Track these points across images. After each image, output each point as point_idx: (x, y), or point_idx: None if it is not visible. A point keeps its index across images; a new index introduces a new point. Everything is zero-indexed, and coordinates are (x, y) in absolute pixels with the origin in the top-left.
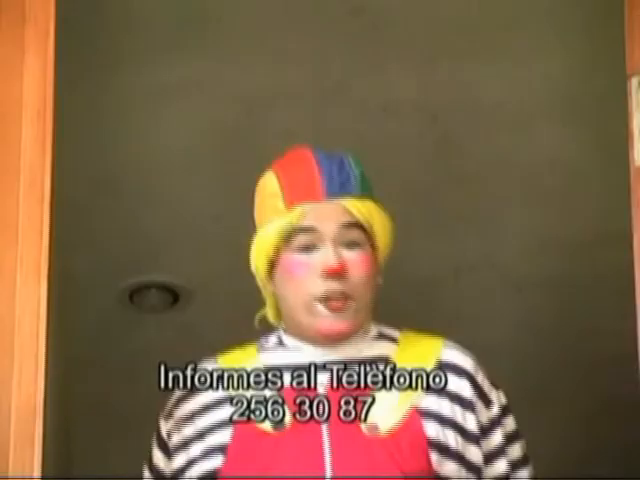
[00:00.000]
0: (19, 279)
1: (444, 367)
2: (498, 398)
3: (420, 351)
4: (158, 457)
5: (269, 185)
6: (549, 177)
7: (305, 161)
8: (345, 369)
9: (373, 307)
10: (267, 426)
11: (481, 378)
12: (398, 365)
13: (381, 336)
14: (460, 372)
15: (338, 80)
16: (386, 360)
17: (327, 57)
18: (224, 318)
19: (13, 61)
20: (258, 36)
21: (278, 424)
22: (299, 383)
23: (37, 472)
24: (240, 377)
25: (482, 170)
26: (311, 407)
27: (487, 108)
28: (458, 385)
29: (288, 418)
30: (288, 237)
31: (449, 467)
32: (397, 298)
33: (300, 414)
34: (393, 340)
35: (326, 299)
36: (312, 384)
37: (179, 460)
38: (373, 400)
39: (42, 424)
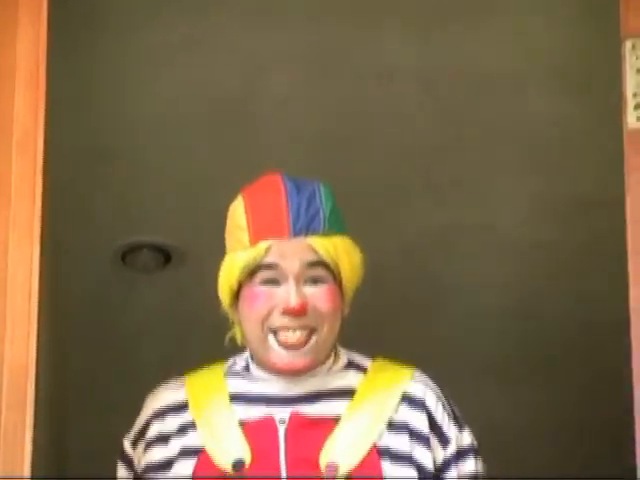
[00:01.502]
0: (11, 241)
1: (407, 401)
2: (458, 438)
3: (386, 383)
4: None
5: (237, 216)
6: (544, 143)
7: (274, 194)
8: (308, 402)
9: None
10: (228, 467)
11: (441, 415)
12: (361, 398)
13: (350, 365)
14: (421, 406)
15: (334, 47)
16: (352, 392)
17: (324, 23)
18: (214, 277)
19: (6, 27)
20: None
21: (237, 465)
22: (260, 417)
23: (29, 435)
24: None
25: (478, 136)
26: (271, 444)
27: (483, 75)
28: (418, 419)
29: (248, 457)
30: (251, 272)
31: None
32: (394, 262)
33: (259, 452)
34: (362, 369)
35: (279, 334)
36: (274, 419)
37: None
38: (334, 437)
39: (34, 383)
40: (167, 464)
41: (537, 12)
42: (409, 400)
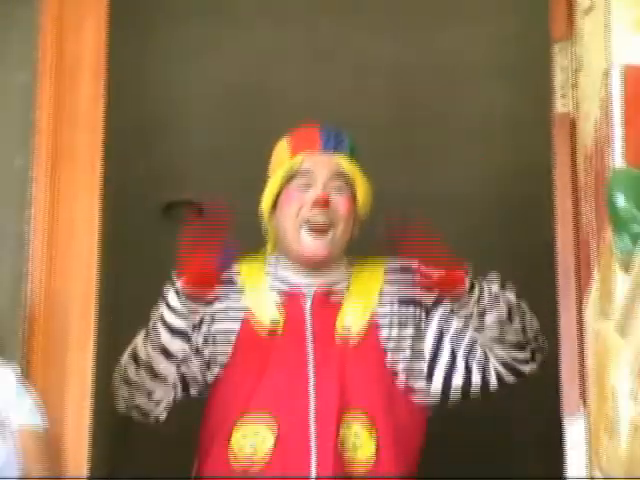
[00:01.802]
0: (79, 196)
1: (390, 272)
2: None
3: (372, 268)
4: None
5: (280, 145)
6: (493, 121)
7: (310, 125)
8: (326, 286)
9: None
10: (266, 324)
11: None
12: (356, 281)
13: (349, 264)
14: (403, 269)
15: (325, 45)
16: (349, 282)
17: (317, 26)
18: (247, 231)
19: (74, 22)
20: (265, 7)
21: (273, 323)
22: (292, 292)
23: (92, 341)
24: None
25: (439, 116)
26: (300, 312)
27: (444, 67)
28: (399, 283)
29: (282, 320)
30: (290, 178)
31: (401, 359)
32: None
33: (290, 317)
34: (354, 264)
35: (310, 224)
36: (303, 293)
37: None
38: (344, 310)
39: (96, 305)
40: (218, 318)
41: (489, 22)
42: (390, 271)
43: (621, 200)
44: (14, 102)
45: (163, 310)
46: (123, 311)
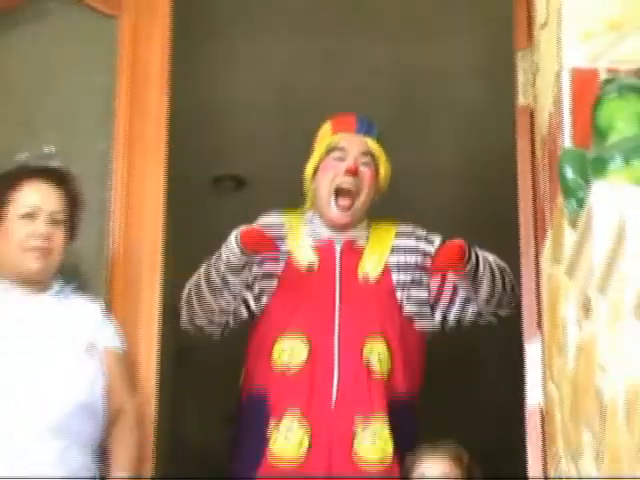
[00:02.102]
0: (148, 170)
1: (399, 235)
2: (435, 239)
3: (387, 228)
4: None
5: (324, 126)
6: (467, 114)
7: (348, 113)
8: (351, 241)
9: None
10: (305, 265)
11: (421, 231)
12: (374, 237)
13: (368, 225)
14: (409, 234)
15: (331, 52)
16: (368, 237)
17: (324, 38)
18: (280, 200)
19: (147, 34)
20: (295, 23)
21: (310, 265)
22: (324, 247)
23: (158, 287)
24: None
25: (425, 110)
26: (331, 257)
27: (429, 70)
28: (407, 243)
29: (317, 262)
30: (329, 151)
31: (410, 297)
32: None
33: (324, 261)
34: (372, 225)
35: (341, 188)
36: (334, 242)
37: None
38: (364, 259)
39: (161, 256)
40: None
41: (463, 30)
42: (401, 233)
43: (570, 173)
44: (97, 99)
45: (223, 250)
46: (179, 265)
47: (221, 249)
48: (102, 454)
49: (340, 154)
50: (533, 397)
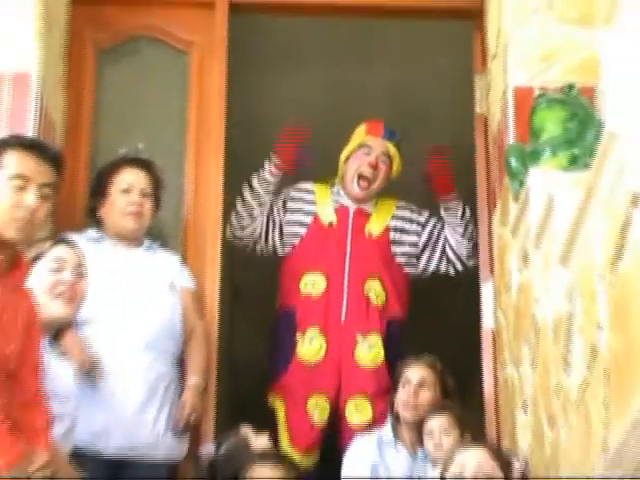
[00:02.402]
0: (210, 153)
1: (399, 208)
2: (424, 212)
3: (388, 205)
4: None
5: (360, 127)
6: (440, 121)
7: (379, 121)
8: (361, 208)
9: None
10: (327, 222)
11: (414, 207)
12: (379, 207)
13: (376, 201)
14: (405, 207)
15: (345, 79)
16: (375, 208)
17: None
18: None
19: (210, 67)
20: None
21: (331, 223)
22: (342, 211)
23: (219, 245)
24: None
25: (412, 119)
26: (346, 218)
27: (413, 89)
28: (403, 213)
29: (335, 220)
30: (360, 147)
31: (402, 250)
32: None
33: (340, 220)
34: (379, 201)
35: (362, 175)
36: (349, 208)
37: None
38: (371, 222)
39: (222, 220)
40: (297, 213)
41: (442, 58)
42: (399, 207)
43: (513, 162)
44: (175, 113)
45: (261, 171)
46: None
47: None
48: (180, 364)
49: (367, 150)
50: (487, 322)
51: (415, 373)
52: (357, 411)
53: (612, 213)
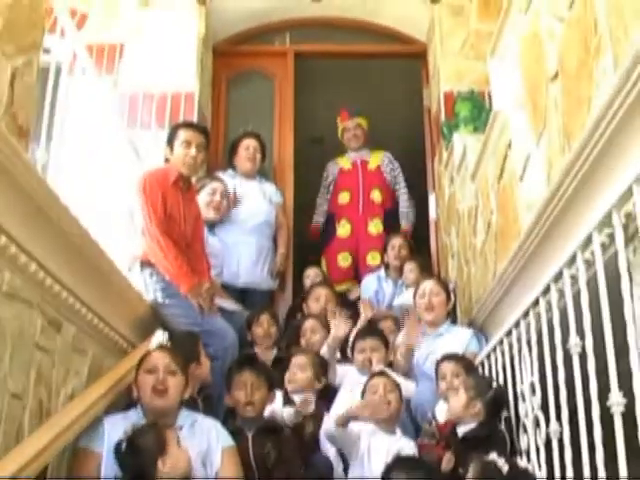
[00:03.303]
0: (286, 150)
1: (384, 155)
2: (396, 163)
3: (378, 152)
4: None
5: (338, 118)
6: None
7: (344, 110)
8: (362, 158)
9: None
10: (345, 169)
11: (391, 156)
12: (373, 157)
13: (370, 151)
14: (386, 155)
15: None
16: (371, 156)
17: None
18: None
19: (286, 88)
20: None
21: (347, 169)
22: (354, 161)
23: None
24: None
25: (387, 117)
26: (356, 166)
27: (381, 113)
28: (387, 156)
29: (351, 168)
30: (343, 130)
31: (390, 179)
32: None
33: (353, 167)
34: (372, 151)
35: (349, 139)
36: (358, 164)
37: None
38: (370, 163)
39: (293, 158)
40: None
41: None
42: (384, 155)
43: (445, 130)
44: (267, 115)
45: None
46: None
47: None
48: (274, 241)
49: (346, 128)
50: (432, 215)
51: (396, 241)
52: (373, 259)
53: (497, 153)
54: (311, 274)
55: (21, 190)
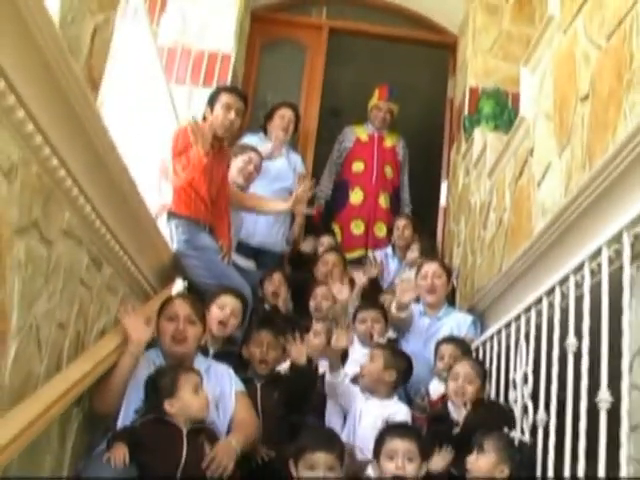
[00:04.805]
0: (311, 120)
1: (399, 136)
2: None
3: (396, 133)
4: None
5: (375, 91)
6: (427, 101)
7: (385, 86)
8: (379, 134)
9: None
10: (362, 141)
11: (403, 142)
12: (388, 137)
13: (390, 130)
14: (400, 138)
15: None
16: (387, 135)
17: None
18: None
19: (315, 62)
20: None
21: (363, 141)
22: (371, 135)
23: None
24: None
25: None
26: (372, 139)
27: (409, 89)
28: (400, 139)
29: (368, 140)
30: (374, 107)
31: (401, 158)
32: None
33: (370, 140)
34: (391, 132)
35: (378, 117)
36: (375, 136)
37: None
38: (385, 142)
39: (317, 124)
40: (347, 138)
41: (424, 69)
42: (398, 136)
43: (467, 124)
44: (296, 82)
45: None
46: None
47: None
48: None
49: (377, 111)
50: (442, 202)
51: (400, 222)
52: (379, 230)
53: (517, 156)
54: (325, 242)
55: (88, 138)
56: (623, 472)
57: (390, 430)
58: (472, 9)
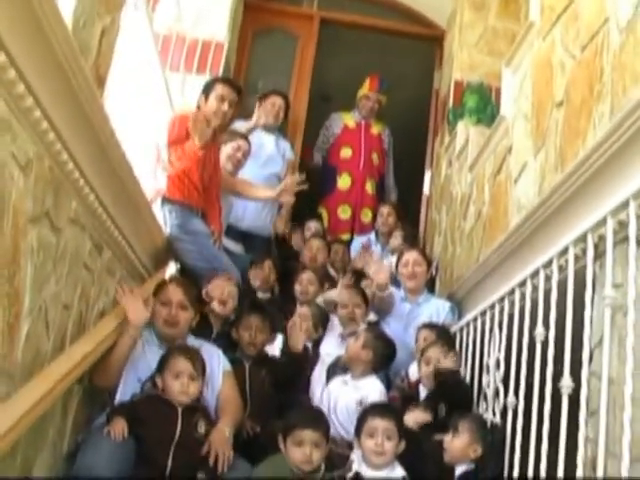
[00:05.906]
0: (301, 103)
1: (384, 126)
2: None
3: (381, 123)
4: None
5: (365, 82)
6: (414, 93)
7: (376, 77)
8: (366, 122)
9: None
10: (349, 128)
11: (388, 130)
12: (374, 126)
13: (377, 119)
14: (386, 127)
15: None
16: (373, 124)
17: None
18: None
19: (307, 51)
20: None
21: (351, 128)
22: (358, 123)
23: None
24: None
25: (398, 93)
26: (360, 126)
27: (399, 77)
28: (385, 129)
29: (355, 127)
30: (363, 96)
31: (386, 145)
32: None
33: (357, 127)
34: (378, 121)
35: (365, 106)
36: (361, 123)
37: None
38: (371, 129)
39: (305, 113)
40: (335, 124)
41: (414, 61)
42: (384, 126)
43: (451, 117)
44: (286, 70)
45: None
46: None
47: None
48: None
49: (366, 100)
50: (425, 190)
51: (384, 209)
52: (365, 215)
53: (497, 153)
54: (312, 227)
55: (93, 132)
56: (581, 452)
57: (371, 409)
58: (460, 4)
